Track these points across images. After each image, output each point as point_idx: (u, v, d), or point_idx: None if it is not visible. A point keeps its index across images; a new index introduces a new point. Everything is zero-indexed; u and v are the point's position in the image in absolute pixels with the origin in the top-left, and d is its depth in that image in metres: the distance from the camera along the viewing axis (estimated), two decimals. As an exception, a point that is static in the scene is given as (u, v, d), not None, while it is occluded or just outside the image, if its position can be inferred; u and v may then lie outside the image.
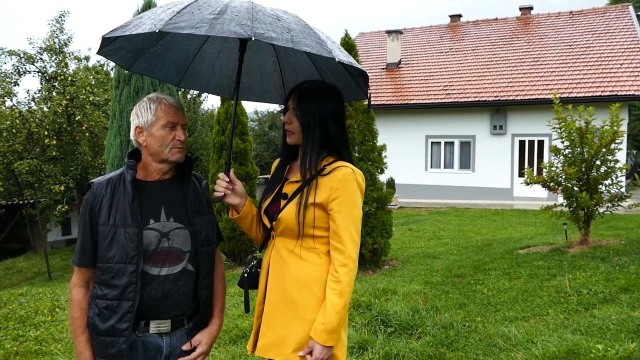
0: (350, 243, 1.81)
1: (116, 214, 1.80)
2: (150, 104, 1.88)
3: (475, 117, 18.10)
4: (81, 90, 12.71)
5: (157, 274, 1.83)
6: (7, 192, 13.63)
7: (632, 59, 16.68)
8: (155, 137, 1.86)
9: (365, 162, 7.36)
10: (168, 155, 1.87)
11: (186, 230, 1.89)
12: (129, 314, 1.77)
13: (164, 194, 1.90)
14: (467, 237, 10.75)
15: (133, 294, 1.77)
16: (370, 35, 24.62)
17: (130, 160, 1.88)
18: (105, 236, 1.79)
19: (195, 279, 1.92)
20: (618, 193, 7.31)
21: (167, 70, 2.30)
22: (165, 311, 1.85)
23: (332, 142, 1.91)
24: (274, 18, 1.70)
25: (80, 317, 1.84)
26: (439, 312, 4.74)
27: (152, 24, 1.64)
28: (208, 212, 2.00)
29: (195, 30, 1.57)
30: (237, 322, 4.57)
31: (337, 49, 1.77)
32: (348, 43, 7.69)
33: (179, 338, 1.91)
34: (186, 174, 1.96)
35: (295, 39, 1.64)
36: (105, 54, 2.02)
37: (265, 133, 32.37)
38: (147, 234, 1.82)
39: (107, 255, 1.79)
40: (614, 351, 3.34)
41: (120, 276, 1.77)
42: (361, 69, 1.83)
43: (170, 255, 1.86)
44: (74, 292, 1.86)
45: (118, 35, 1.75)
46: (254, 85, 2.43)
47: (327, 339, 1.78)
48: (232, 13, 1.65)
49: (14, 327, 4.95)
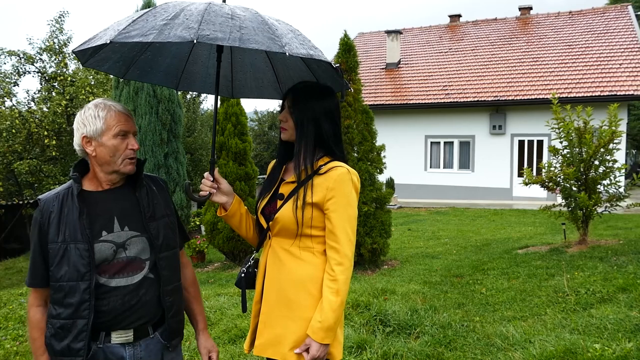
0: (346, 242, 1.83)
1: (65, 230, 1.71)
2: (98, 112, 1.76)
3: (475, 117, 18.11)
4: (81, 91, 12.72)
5: (115, 285, 1.76)
6: (7, 192, 13.64)
7: (631, 59, 16.69)
8: (106, 146, 1.75)
9: (364, 162, 7.37)
10: (120, 166, 1.78)
11: (143, 237, 1.81)
12: (83, 332, 1.71)
13: (116, 203, 1.80)
14: (466, 237, 10.76)
15: (87, 312, 1.70)
16: (369, 36, 24.62)
17: (74, 173, 1.79)
18: (56, 254, 1.71)
19: (158, 286, 1.84)
20: (616, 193, 7.32)
21: (162, 75, 2.33)
22: (126, 321, 1.78)
23: (326, 140, 1.93)
24: (227, 17, 1.69)
25: (40, 337, 1.77)
26: (438, 312, 4.75)
27: (110, 34, 1.65)
28: (166, 215, 1.90)
29: (144, 37, 1.58)
30: (236, 322, 4.58)
31: (297, 43, 1.74)
32: (347, 43, 7.70)
33: (143, 348, 1.83)
34: (137, 179, 1.87)
35: (244, 37, 1.63)
36: (92, 66, 2.03)
37: (265, 133, 32.37)
38: (100, 247, 1.74)
39: (58, 273, 1.71)
40: (611, 350, 3.35)
41: (73, 294, 1.70)
42: (325, 60, 1.80)
43: (129, 266, 1.78)
44: (32, 312, 1.79)
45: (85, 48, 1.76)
46: (249, 82, 2.46)
47: (324, 337, 1.80)
48: (184, 17, 1.66)
49: (13, 327, 4.97)
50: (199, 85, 2.46)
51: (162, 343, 1.89)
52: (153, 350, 1.86)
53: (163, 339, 1.89)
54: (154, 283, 1.84)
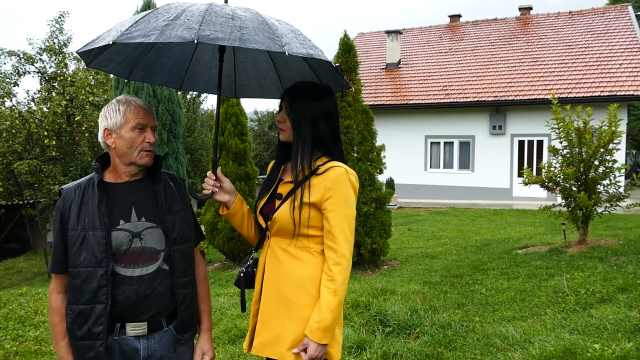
0: (343, 242, 1.83)
1: (85, 218, 1.80)
2: (119, 106, 1.87)
3: (475, 117, 18.12)
4: (81, 91, 12.70)
5: (130, 275, 1.82)
6: (6, 193, 13.62)
7: (631, 59, 16.69)
8: (124, 139, 1.85)
9: (364, 163, 7.37)
10: (136, 158, 1.87)
11: (159, 229, 1.88)
12: (102, 317, 1.78)
13: (135, 195, 1.89)
14: (466, 237, 10.76)
15: (105, 297, 1.77)
16: (369, 36, 24.63)
17: (96, 163, 1.89)
18: (75, 241, 1.79)
19: (172, 278, 1.90)
20: (616, 193, 7.32)
21: (166, 75, 2.34)
22: (141, 313, 1.84)
23: (323, 140, 1.94)
24: (227, 18, 1.71)
25: (60, 322, 1.84)
26: (438, 312, 4.75)
27: (113, 36, 1.66)
28: (182, 209, 1.97)
29: (146, 38, 1.60)
30: (235, 322, 4.59)
31: (296, 42, 1.76)
32: (347, 43, 7.70)
33: (157, 341, 1.88)
34: (156, 173, 1.95)
35: (244, 37, 1.64)
36: (96, 67, 2.05)
37: (265, 133, 32.39)
38: (116, 235, 1.81)
39: (77, 260, 1.79)
40: (611, 351, 3.35)
41: (91, 280, 1.77)
42: (326, 60, 1.81)
43: (143, 255, 1.85)
44: (53, 299, 1.87)
45: (88, 49, 1.78)
46: (252, 82, 2.47)
47: (322, 337, 1.80)
48: (185, 17, 1.68)
49: (13, 327, 4.97)
50: (202, 85, 2.48)
51: (175, 336, 1.93)
52: (167, 343, 1.91)
53: (176, 332, 1.94)
54: (168, 275, 1.90)
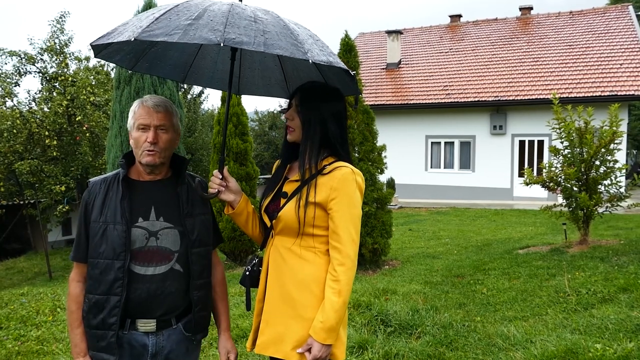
0: (348, 242, 1.83)
1: (107, 212, 1.85)
2: (134, 107, 1.92)
3: (475, 117, 18.11)
4: (82, 91, 12.70)
5: (143, 273, 1.85)
6: (7, 193, 13.62)
7: (632, 59, 16.69)
8: (133, 138, 1.91)
9: (365, 163, 7.38)
10: (140, 157, 1.90)
11: (176, 230, 1.91)
12: (116, 308, 1.82)
13: (156, 194, 1.92)
14: (467, 237, 10.77)
15: (120, 289, 1.81)
16: (370, 36, 24.63)
17: (122, 159, 1.94)
18: (96, 232, 1.84)
19: (184, 279, 1.92)
20: (617, 193, 7.33)
21: (170, 68, 2.33)
22: (150, 311, 1.87)
23: (332, 141, 1.94)
24: (250, 20, 1.69)
25: (77, 310, 1.89)
26: (439, 312, 4.76)
27: (132, 31, 1.65)
28: (203, 213, 1.99)
29: (169, 37, 1.58)
30: (237, 322, 4.59)
31: (317, 49, 1.75)
32: (348, 43, 7.71)
33: (166, 338, 1.92)
34: (179, 175, 1.98)
35: (268, 41, 1.62)
36: (103, 57, 2.05)
37: (266, 133, 32.39)
38: (134, 231, 1.85)
39: (97, 250, 1.84)
40: (612, 350, 3.35)
41: (108, 272, 1.82)
42: (342, 68, 1.82)
43: (157, 255, 1.87)
44: (72, 287, 1.92)
45: (104, 42, 1.76)
46: (256, 80, 2.46)
47: (326, 337, 1.80)
48: (208, 18, 1.65)
49: (15, 327, 4.97)
50: (206, 79, 2.46)
51: (184, 334, 1.96)
52: (175, 340, 1.95)
53: (186, 331, 1.97)
54: (180, 276, 1.92)
